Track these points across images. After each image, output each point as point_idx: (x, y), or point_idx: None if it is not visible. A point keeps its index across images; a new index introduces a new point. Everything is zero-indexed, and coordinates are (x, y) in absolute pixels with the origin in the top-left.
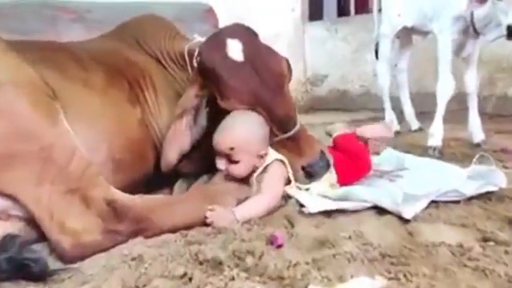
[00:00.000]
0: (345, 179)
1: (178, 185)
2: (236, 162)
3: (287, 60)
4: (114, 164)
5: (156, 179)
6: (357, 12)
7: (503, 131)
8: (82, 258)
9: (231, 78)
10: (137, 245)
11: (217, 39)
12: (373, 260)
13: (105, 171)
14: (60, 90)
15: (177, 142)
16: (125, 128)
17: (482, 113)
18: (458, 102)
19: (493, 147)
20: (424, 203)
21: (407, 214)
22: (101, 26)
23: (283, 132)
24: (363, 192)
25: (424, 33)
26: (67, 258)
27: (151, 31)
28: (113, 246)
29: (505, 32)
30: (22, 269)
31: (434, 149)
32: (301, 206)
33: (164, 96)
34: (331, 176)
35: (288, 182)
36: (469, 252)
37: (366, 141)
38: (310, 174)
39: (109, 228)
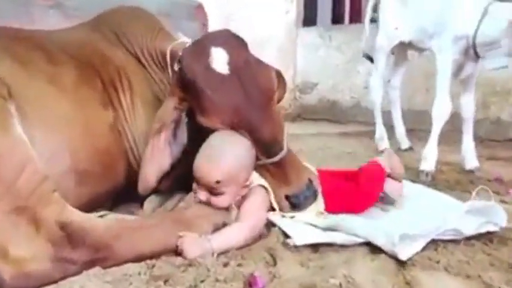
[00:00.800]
0: (335, 208)
1: (149, 201)
2: (220, 194)
3: (279, 73)
4: (77, 176)
5: (124, 191)
6: (351, 21)
7: (496, 157)
8: None
9: (213, 93)
10: (92, 279)
11: (201, 46)
12: None
13: (66, 183)
14: (18, 88)
15: (156, 161)
16: (94, 134)
17: (474, 137)
18: (449, 123)
19: (486, 175)
20: (421, 243)
21: (403, 255)
22: (80, 14)
23: (267, 156)
24: (355, 225)
25: (421, 50)
26: None
27: (133, 24)
28: (64, 278)
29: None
30: None
31: (427, 174)
32: (286, 235)
33: (141, 100)
34: (318, 205)
35: (271, 209)
36: None
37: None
38: (295, 205)
39: (60, 256)
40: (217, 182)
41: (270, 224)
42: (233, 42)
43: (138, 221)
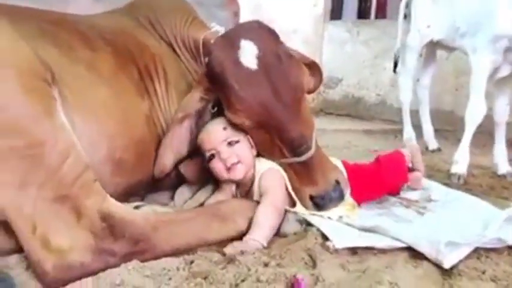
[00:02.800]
0: (360, 195)
1: (180, 192)
2: (236, 142)
3: (315, 63)
4: (113, 165)
5: (156, 180)
6: (377, 16)
7: None
8: (65, 282)
9: (241, 89)
10: (132, 273)
11: (231, 38)
12: None
13: (103, 172)
14: (60, 74)
15: (174, 146)
16: (130, 123)
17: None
18: (479, 125)
19: None
20: (465, 251)
21: (448, 263)
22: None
23: (294, 155)
24: (395, 229)
25: (451, 49)
26: (47, 281)
27: (167, 11)
28: (103, 270)
29: None
30: None
31: (459, 177)
32: (324, 236)
33: (175, 89)
34: (345, 206)
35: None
36: None
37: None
38: (319, 205)
39: (101, 248)
40: (224, 128)
41: (305, 223)
42: (264, 34)
43: (175, 214)
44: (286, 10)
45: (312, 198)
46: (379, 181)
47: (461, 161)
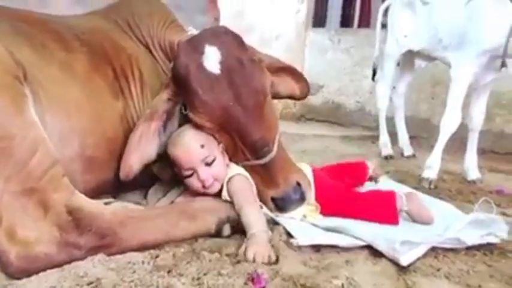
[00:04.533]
0: (329, 209)
1: (153, 191)
2: (213, 161)
3: (297, 71)
4: (84, 162)
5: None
6: (360, 25)
7: (497, 169)
8: (30, 273)
9: (203, 93)
10: (97, 265)
11: (195, 43)
12: None
13: (73, 169)
14: (33, 71)
15: (142, 149)
16: (103, 122)
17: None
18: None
19: (487, 187)
20: (422, 249)
21: (404, 261)
22: (92, 0)
23: (255, 157)
24: (358, 229)
25: (430, 59)
26: (12, 271)
27: (145, 14)
28: (69, 262)
29: None
30: None
31: (430, 182)
32: (288, 234)
33: (151, 91)
34: (307, 207)
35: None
36: None
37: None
38: (280, 207)
39: (67, 241)
40: (202, 146)
41: (272, 223)
42: (228, 40)
43: (144, 210)
44: (269, 17)
45: (273, 200)
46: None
47: (433, 166)
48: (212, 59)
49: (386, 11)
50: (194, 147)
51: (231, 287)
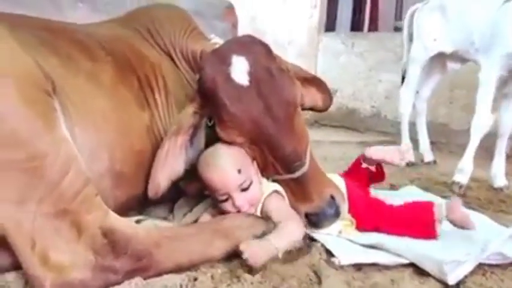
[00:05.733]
0: (365, 224)
1: (179, 206)
2: (250, 186)
3: (321, 81)
4: (114, 177)
5: None
6: (370, 29)
7: None
8: None
9: (232, 105)
10: None
11: (222, 54)
12: None
13: (103, 185)
14: (61, 83)
15: (169, 165)
16: (130, 134)
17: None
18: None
19: None
20: (469, 267)
21: (452, 280)
22: (109, 8)
23: (287, 171)
24: (397, 245)
25: (463, 61)
26: None
27: (166, 22)
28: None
29: None
30: None
31: (461, 186)
32: (328, 252)
33: (176, 100)
34: (343, 222)
35: None
36: None
37: (373, 165)
38: (315, 223)
39: (102, 265)
40: (239, 171)
41: (309, 239)
42: (256, 49)
43: (177, 229)
44: (281, 22)
45: (307, 215)
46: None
47: (465, 170)
48: (240, 69)
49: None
50: (231, 172)
51: None
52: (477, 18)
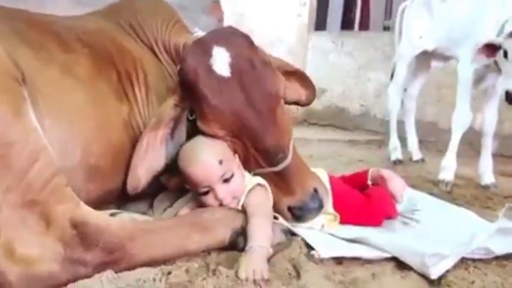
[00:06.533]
0: (347, 218)
1: (159, 200)
2: (231, 178)
3: (304, 75)
4: (87, 171)
5: None
6: (360, 27)
7: (509, 173)
8: None
9: (213, 97)
10: (105, 284)
11: (203, 45)
12: None
13: (76, 178)
14: (32, 74)
15: (149, 159)
16: (107, 128)
17: None
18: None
19: (502, 192)
20: (452, 261)
21: (434, 274)
22: (92, 1)
23: (270, 165)
24: (379, 239)
25: (445, 58)
26: None
27: (149, 14)
28: (74, 280)
29: (503, 97)
30: None
31: (447, 184)
32: (308, 246)
33: (156, 94)
34: (326, 217)
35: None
36: None
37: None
38: (298, 216)
39: (71, 257)
40: (220, 161)
41: (290, 233)
42: (237, 41)
43: (153, 222)
44: (270, 20)
45: (290, 209)
46: (368, 215)
47: (448, 167)
48: (221, 61)
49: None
50: (212, 164)
51: None
52: (458, 12)
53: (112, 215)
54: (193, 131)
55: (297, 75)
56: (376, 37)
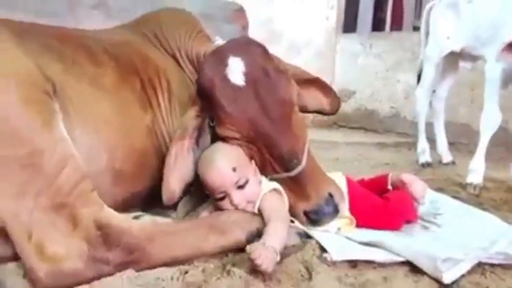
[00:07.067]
0: (365, 222)
1: (183, 203)
2: (246, 184)
3: (326, 84)
4: (113, 175)
5: (158, 192)
6: (392, 28)
7: None
8: None
9: (229, 106)
10: (125, 282)
11: (219, 56)
12: None
13: (103, 183)
14: (63, 87)
15: (179, 168)
16: (131, 135)
17: None
18: (494, 138)
19: None
20: (467, 266)
21: (447, 279)
22: (123, 15)
23: (284, 170)
24: (395, 243)
25: (472, 58)
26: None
27: (172, 25)
28: (98, 278)
29: None
30: None
31: (475, 186)
32: (322, 249)
33: (179, 102)
34: (342, 221)
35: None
36: None
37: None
38: (313, 221)
39: (95, 256)
40: (234, 169)
41: (306, 236)
42: (252, 50)
43: (172, 224)
44: (298, 23)
45: (305, 213)
46: (386, 218)
47: (476, 170)
48: (236, 70)
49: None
50: (226, 170)
51: None
52: (484, 11)
53: (135, 218)
54: (216, 137)
55: (317, 84)
56: (405, 37)
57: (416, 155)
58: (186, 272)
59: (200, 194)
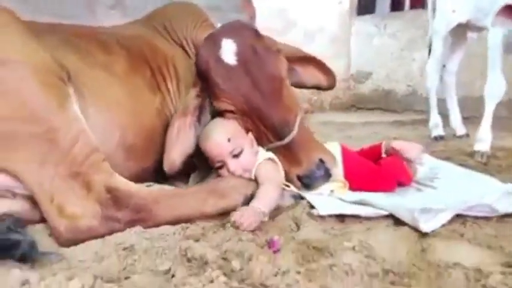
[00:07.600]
0: (358, 185)
1: (193, 177)
2: (240, 153)
3: (322, 63)
4: (125, 151)
5: None
6: (412, 6)
7: None
8: (76, 242)
9: (223, 83)
10: (133, 235)
11: (213, 39)
12: (374, 276)
13: (116, 158)
14: (77, 74)
15: (181, 142)
16: (142, 115)
17: None
18: (506, 109)
19: None
20: (447, 216)
21: (426, 227)
22: (139, 13)
23: (277, 139)
24: (381, 200)
25: (478, 29)
26: (61, 242)
27: (180, 17)
28: (110, 234)
29: None
30: (8, 249)
31: (482, 154)
32: (312, 207)
33: (186, 86)
34: (335, 184)
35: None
36: (485, 279)
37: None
38: (306, 185)
39: (107, 215)
40: (229, 140)
41: (300, 198)
42: (243, 32)
43: (177, 189)
44: (311, 10)
45: (299, 178)
46: (379, 181)
47: (484, 138)
48: (228, 51)
49: None
50: (221, 141)
51: (247, 250)
52: None
53: (147, 186)
54: (216, 114)
55: (314, 62)
56: (418, 15)
57: (428, 129)
58: (187, 228)
59: (208, 167)
